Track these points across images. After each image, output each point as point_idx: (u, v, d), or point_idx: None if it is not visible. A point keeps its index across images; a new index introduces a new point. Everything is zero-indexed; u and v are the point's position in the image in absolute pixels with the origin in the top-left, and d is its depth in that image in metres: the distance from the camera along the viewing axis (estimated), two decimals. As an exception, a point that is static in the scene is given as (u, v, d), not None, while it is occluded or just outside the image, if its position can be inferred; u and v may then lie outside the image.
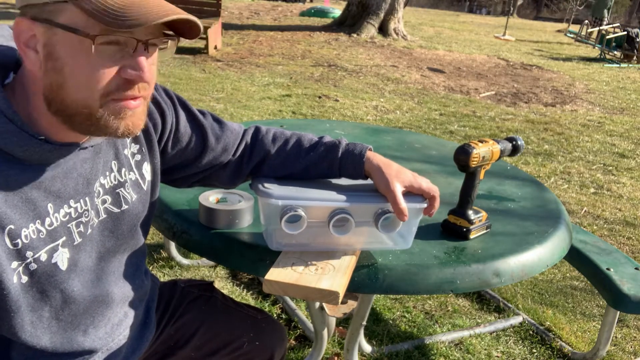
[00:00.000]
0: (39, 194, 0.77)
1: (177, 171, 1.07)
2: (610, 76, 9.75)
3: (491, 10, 39.98)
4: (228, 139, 1.08)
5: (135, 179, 0.95)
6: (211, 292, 1.21)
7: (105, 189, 0.88)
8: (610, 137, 5.51)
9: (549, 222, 1.38)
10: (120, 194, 0.91)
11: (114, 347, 0.95)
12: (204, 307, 1.16)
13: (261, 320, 1.18)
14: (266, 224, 1.04)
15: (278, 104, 5.56)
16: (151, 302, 1.08)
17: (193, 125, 1.04)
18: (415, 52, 9.98)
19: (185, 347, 1.10)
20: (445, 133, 5.11)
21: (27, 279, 0.77)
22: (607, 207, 3.66)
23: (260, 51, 8.62)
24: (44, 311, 0.81)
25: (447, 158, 1.81)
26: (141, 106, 0.78)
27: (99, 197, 0.87)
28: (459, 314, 2.25)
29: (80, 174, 0.83)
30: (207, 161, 1.06)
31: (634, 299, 1.71)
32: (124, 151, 0.92)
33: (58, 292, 0.81)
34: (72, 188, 0.81)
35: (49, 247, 0.78)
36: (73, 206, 0.82)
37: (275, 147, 1.09)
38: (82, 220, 0.84)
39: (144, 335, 1.03)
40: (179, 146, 1.03)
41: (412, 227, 1.05)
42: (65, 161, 0.80)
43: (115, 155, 0.90)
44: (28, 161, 0.75)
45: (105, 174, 0.88)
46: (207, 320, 1.14)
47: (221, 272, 2.39)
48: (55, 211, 0.79)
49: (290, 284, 0.93)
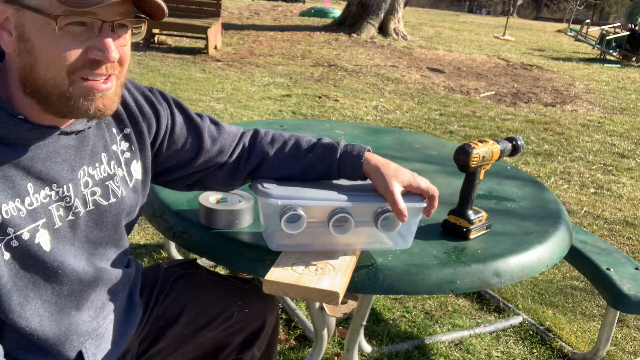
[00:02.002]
0: (17, 172, 0.78)
1: (172, 172, 1.07)
2: (610, 76, 9.75)
3: (491, 10, 39.99)
4: (225, 140, 1.09)
5: (122, 175, 0.95)
6: (195, 268, 1.21)
7: (95, 180, 0.89)
8: (610, 137, 5.51)
9: (549, 222, 1.38)
10: (109, 186, 0.92)
11: (102, 332, 0.96)
12: (188, 284, 1.16)
13: (248, 289, 1.18)
14: (266, 224, 1.04)
15: (278, 104, 5.56)
16: (134, 287, 1.08)
17: (189, 126, 1.05)
18: (415, 52, 9.98)
19: (175, 324, 1.10)
20: (445, 133, 5.11)
21: (9, 255, 0.78)
22: (607, 207, 3.66)
23: (260, 51, 8.63)
24: (28, 290, 0.82)
25: (447, 158, 1.81)
26: (113, 88, 0.80)
27: (88, 187, 0.88)
28: (459, 314, 2.25)
29: (65, 159, 0.84)
30: (203, 162, 1.07)
31: (634, 299, 1.71)
32: (113, 147, 0.93)
33: (40, 271, 0.82)
34: (56, 172, 0.83)
35: (31, 226, 0.80)
36: (55, 189, 0.83)
37: (274, 149, 1.10)
38: (63, 204, 0.85)
39: (130, 319, 1.04)
40: (174, 147, 1.03)
41: (411, 226, 1.06)
42: (45, 144, 0.81)
43: (105, 147, 0.92)
44: (7, 139, 0.77)
45: (95, 165, 0.90)
46: (193, 295, 1.14)
47: (221, 272, 2.39)
48: (35, 192, 0.80)
49: (290, 285, 0.93)
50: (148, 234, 2.64)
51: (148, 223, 1.39)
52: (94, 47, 0.75)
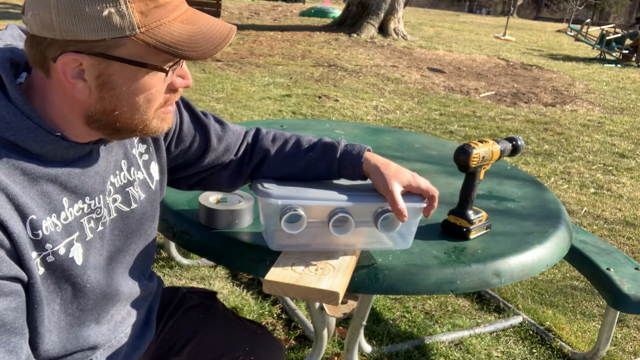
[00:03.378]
0: (54, 188, 0.77)
1: (179, 171, 1.07)
2: (610, 76, 9.75)
3: (491, 10, 40.00)
4: (230, 139, 1.09)
5: (143, 178, 0.95)
6: (212, 301, 1.19)
7: (115, 187, 0.89)
8: (610, 137, 5.51)
9: (549, 222, 1.38)
10: (129, 192, 0.92)
11: (115, 345, 0.95)
12: (202, 315, 1.15)
13: (260, 335, 1.15)
14: (266, 224, 1.04)
15: (278, 104, 5.56)
16: (154, 304, 1.08)
17: (196, 125, 1.05)
18: (415, 52, 9.98)
19: (179, 353, 1.08)
20: (445, 133, 5.11)
21: (44, 270, 0.77)
22: (607, 207, 3.66)
23: (260, 51, 8.63)
24: (55, 304, 0.81)
25: (447, 158, 1.81)
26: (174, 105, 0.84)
27: (110, 195, 0.88)
28: (459, 314, 2.25)
29: (97, 172, 0.84)
30: (210, 161, 1.07)
31: (634, 299, 1.71)
32: (132, 150, 0.93)
33: (70, 285, 0.82)
34: (90, 185, 0.83)
35: (66, 241, 0.79)
36: (87, 202, 0.83)
37: (275, 147, 1.10)
38: (94, 216, 0.85)
39: (144, 335, 1.03)
40: (182, 146, 1.04)
41: (411, 227, 1.05)
42: (81, 159, 0.81)
43: (125, 154, 0.92)
44: (44, 157, 0.76)
45: (116, 173, 0.90)
46: (203, 329, 1.12)
47: (221, 272, 2.39)
48: (69, 206, 0.80)
49: (290, 285, 0.93)
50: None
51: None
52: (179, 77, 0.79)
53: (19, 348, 0.73)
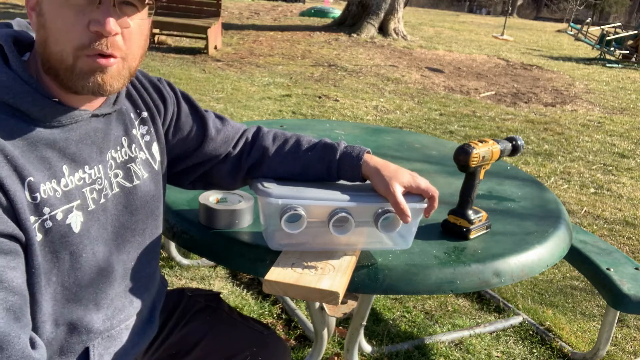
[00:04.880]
0: (53, 154, 0.80)
1: (178, 162, 1.08)
2: (610, 76, 9.75)
3: (491, 10, 40.02)
4: (228, 132, 1.10)
5: (145, 158, 0.97)
6: (217, 303, 1.20)
7: (117, 162, 0.91)
8: (610, 137, 5.51)
9: (549, 222, 1.38)
10: (131, 168, 0.94)
11: (115, 336, 0.95)
12: (208, 317, 1.15)
13: (266, 336, 1.15)
14: (266, 223, 1.04)
15: (278, 104, 5.56)
16: (157, 302, 1.08)
17: (194, 116, 1.07)
18: (415, 52, 9.98)
19: (186, 357, 1.08)
20: (445, 133, 5.11)
21: (42, 236, 0.78)
22: (607, 207, 3.66)
23: (260, 51, 8.63)
24: (52, 274, 0.81)
25: (447, 158, 1.81)
26: (115, 66, 0.80)
27: (112, 169, 0.90)
28: (459, 314, 2.25)
29: (94, 142, 0.86)
30: (207, 152, 1.08)
31: (634, 299, 1.71)
32: (133, 131, 0.95)
33: (67, 254, 0.82)
34: (87, 154, 0.85)
35: (65, 207, 0.81)
36: (87, 172, 0.85)
37: (275, 145, 1.11)
38: (96, 187, 0.86)
39: (145, 332, 1.03)
40: (180, 135, 1.05)
41: (412, 227, 1.06)
42: (78, 126, 0.83)
43: (125, 131, 0.94)
44: (43, 122, 0.79)
45: (117, 148, 0.91)
46: (210, 331, 1.12)
47: (221, 272, 2.39)
48: (70, 174, 0.82)
49: (290, 284, 0.93)
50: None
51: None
52: (94, 20, 0.76)
53: (18, 308, 0.73)
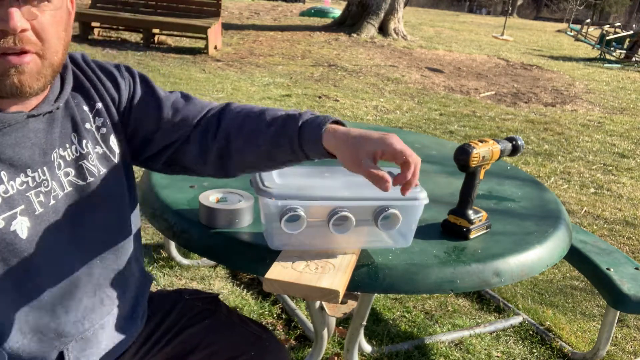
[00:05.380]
0: None
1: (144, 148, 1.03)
2: (610, 76, 9.75)
3: (491, 10, 40.03)
4: (189, 111, 1.03)
5: (102, 152, 0.93)
6: (216, 305, 1.18)
7: (66, 161, 0.88)
8: (610, 137, 5.51)
9: (549, 222, 1.38)
10: (83, 166, 0.90)
11: (90, 337, 0.92)
12: (206, 321, 1.13)
13: (265, 339, 1.13)
14: (266, 223, 1.04)
15: (278, 104, 5.56)
16: (139, 298, 1.05)
17: (150, 97, 1.01)
18: (415, 52, 9.98)
19: None
20: (445, 133, 5.11)
21: None
22: (607, 207, 3.66)
23: (260, 51, 8.63)
24: (6, 282, 0.80)
25: (447, 158, 1.81)
26: (32, 64, 0.78)
27: (61, 169, 0.87)
28: (459, 314, 2.25)
29: (35, 143, 0.83)
30: (167, 133, 1.01)
31: (634, 299, 1.71)
32: (86, 125, 0.92)
33: (18, 261, 0.80)
34: (27, 157, 0.82)
35: (7, 214, 0.78)
36: (30, 175, 0.82)
37: (239, 123, 1.01)
38: (42, 190, 0.84)
39: (127, 330, 1.00)
40: (137, 118, 1.00)
41: (411, 224, 1.05)
42: (12, 129, 0.80)
43: (74, 127, 0.90)
44: None
45: (65, 146, 0.88)
46: (208, 336, 1.10)
47: (221, 272, 2.39)
48: (10, 179, 0.80)
49: (290, 283, 0.93)
50: (148, 234, 2.64)
51: (148, 223, 1.39)
52: None
53: None
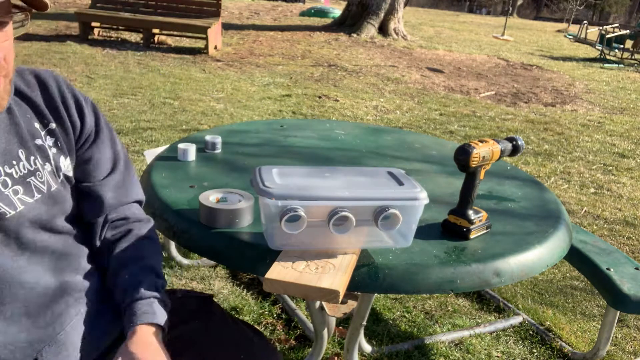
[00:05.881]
0: None
1: None
2: (610, 76, 9.75)
3: (491, 10, 40.03)
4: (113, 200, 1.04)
5: (50, 170, 0.93)
6: (210, 305, 1.17)
7: (14, 178, 0.87)
8: (610, 137, 5.51)
9: (549, 222, 1.38)
10: (31, 183, 0.89)
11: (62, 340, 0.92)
12: (200, 321, 1.12)
13: (257, 343, 1.12)
14: (266, 223, 1.04)
15: (278, 104, 5.56)
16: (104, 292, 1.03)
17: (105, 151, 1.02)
18: (415, 52, 9.98)
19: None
20: (445, 133, 5.11)
21: None
22: (607, 207, 3.66)
23: (260, 51, 8.62)
24: None
25: (447, 158, 1.82)
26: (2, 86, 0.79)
27: (8, 187, 0.86)
28: (459, 314, 2.25)
29: None
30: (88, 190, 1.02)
31: (634, 299, 1.71)
32: (37, 141, 0.91)
33: None
34: None
35: None
36: None
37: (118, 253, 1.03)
38: None
39: (98, 326, 0.99)
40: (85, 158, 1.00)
41: (411, 224, 1.06)
42: None
43: (21, 143, 0.89)
44: None
45: (12, 163, 0.87)
46: (201, 336, 1.09)
47: (221, 272, 2.39)
48: None
49: (290, 283, 0.93)
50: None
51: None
52: None
53: None
